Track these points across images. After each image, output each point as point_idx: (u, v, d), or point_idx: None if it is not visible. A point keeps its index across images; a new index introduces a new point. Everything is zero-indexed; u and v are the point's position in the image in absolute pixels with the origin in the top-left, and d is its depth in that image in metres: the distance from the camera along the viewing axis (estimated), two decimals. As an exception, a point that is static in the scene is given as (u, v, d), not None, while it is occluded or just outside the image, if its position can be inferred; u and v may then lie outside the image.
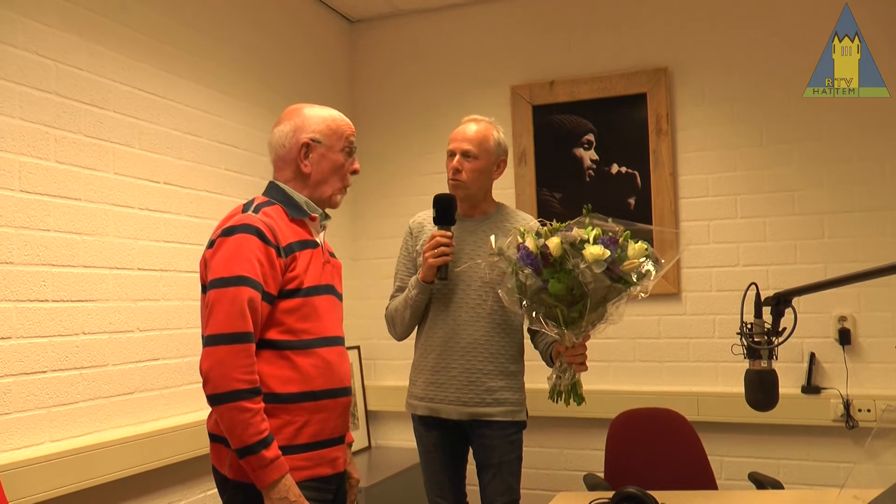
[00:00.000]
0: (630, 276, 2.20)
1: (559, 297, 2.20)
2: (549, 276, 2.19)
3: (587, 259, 2.14)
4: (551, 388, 2.39)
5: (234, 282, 1.86)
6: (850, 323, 3.27)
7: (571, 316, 2.25)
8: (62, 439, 2.35)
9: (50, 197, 2.35)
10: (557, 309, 2.25)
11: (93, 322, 2.47)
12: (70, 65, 2.44)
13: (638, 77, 3.59)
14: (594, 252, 2.14)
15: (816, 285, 1.87)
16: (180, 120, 2.89)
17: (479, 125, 2.68)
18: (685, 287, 3.52)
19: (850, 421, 3.19)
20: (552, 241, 2.19)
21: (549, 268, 2.20)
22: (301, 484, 1.90)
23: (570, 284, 2.17)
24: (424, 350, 2.68)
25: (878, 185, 3.27)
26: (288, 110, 2.13)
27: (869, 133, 3.29)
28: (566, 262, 2.17)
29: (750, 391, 1.90)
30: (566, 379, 2.35)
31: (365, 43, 4.15)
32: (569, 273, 2.16)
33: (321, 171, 2.08)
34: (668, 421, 3.11)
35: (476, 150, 2.64)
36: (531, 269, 2.21)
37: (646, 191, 3.58)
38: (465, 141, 2.65)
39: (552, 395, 2.38)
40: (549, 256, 2.19)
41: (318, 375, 1.97)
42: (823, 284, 1.87)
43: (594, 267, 2.14)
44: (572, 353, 2.33)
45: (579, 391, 2.36)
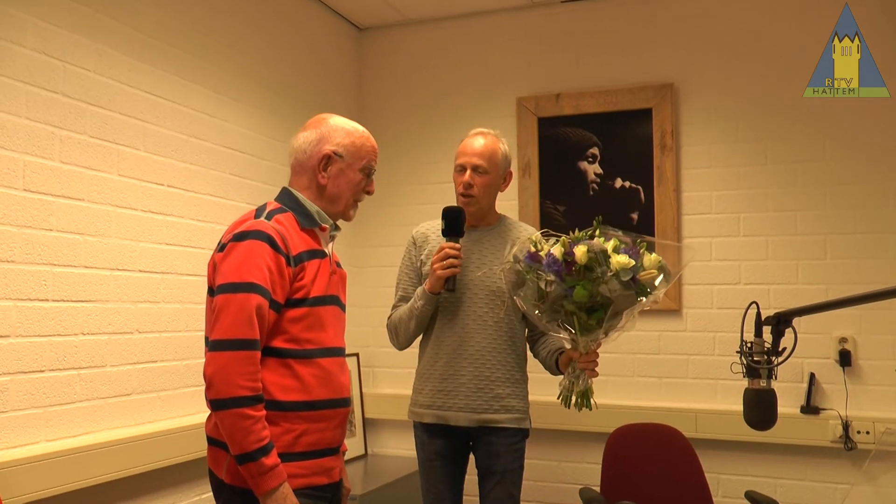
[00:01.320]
0: (645, 286, 2.28)
1: (580, 304, 2.27)
2: (573, 283, 2.25)
3: (614, 267, 2.23)
4: (564, 394, 2.46)
5: (244, 288, 1.86)
6: (851, 345, 3.26)
7: (589, 323, 2.32)
8: (58, 439, 2.34)
9: (53, 197, 2.35)
10: (575, 316, 2.32)
11: (92, 323, 2.48)
12: (77, 66, 2.45)
13: (644, 92, 3.60)
14: (621, 261, 2.23)
15: (817, 306, 1.86)
16: (186, 123, 2.90)
17: (486, 139, 2.69)
18: (686, 303, 3.52)
19: (848, 442, 3.18)
20: (579, 248, 2.26)
21: (572, 275, 2.26)
22: (297, 492, 1.89)
23: (593, 292, 2.24)
24: (432, 359, 2.68)
25: (882, 208, 3.26)
26: (315, 118, 2.13)
27: (873, 155, 3.28)
28: (593, 270, 2.24)
29: (748, 410, 1.89)
30: (580, 384, 2.42)
31: (373, 51, 4.16)
32: (593, 281, 2.24)
33: (337, 185, 2.08)
34: (666, 437, 3.10)
35: (487, 164, 2.65)
36: (555, 275, 2.26)
37: (649, 206, 3.58)
38: (475, 156, 2.65)
39: (565, 401, 2.46)
40: (573, 264, 2.25)
41: (318, 385, 1.97)
42: (824, 306, 1.87)
43: (622, 275, 2.23)
44: (586, 360, 2.41)
45: (591, 396, 2.44)
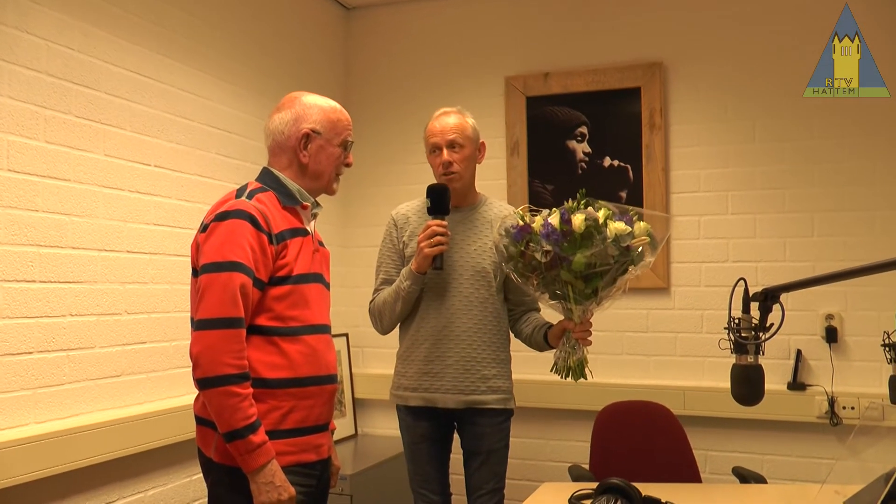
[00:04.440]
0: (637, 253, 2.34)
1: (577, 272, 2.31)
2: (571, 251, 2.29)
3: (611, 234, 2.27)
4: (560, 366, 2.51)
5: (227, 267, 1.87)
6: (837, 321, 3.28)
7: (585, 292, 2.37)
8: (47, 421, 2.34)
9: (39, 177, 2.33)
10: (570, 286, 2.36)
11: (80, 304, 2.46)
12: (62, 45, 2.42)
13: (632, 71, 3.59)
14: (618, 227, 2.29)
15: (804, 282, 1.87)
16: (172, 103, 2.87)
17: (452, 115, 2.68)
18: (674, 282, 3.53)
19: (834, 418, 3.21)
20: (576, 217, 2.29)
21: (570, 244, 2.30)
22: (286, 469, 1.91)
23: (592, 259, 2.29)
24: (414, 341, 2.68)
25: (869, 186, 3.28)
26: (288, 97, 2.14)
27: (861, 133, 3.29)
28: (593, 237, 2.28)
29: (736, 386, 1.91)
30: (578, 354, 2.48)
31: (361, 30, 4.13)
32: (592, 248, 2.28)
33: (318, 162, 2.09)
34: (654, 414, 3.12)
35: (461, 138, 2.64)
36: (554, 245, 2.30)
37: (638, 185, 3.58)
38: (448, 132, 2.64)
39: (561, 372, 2.51)
40: (570, 233, 2.29)
41: (305, 362, 1.99)
42: (811, 281, 1.88)
43: (620, 241, 2.28)
44: (581, 329, 2.46)
45: (586, 365, 2.49)
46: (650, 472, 2.80)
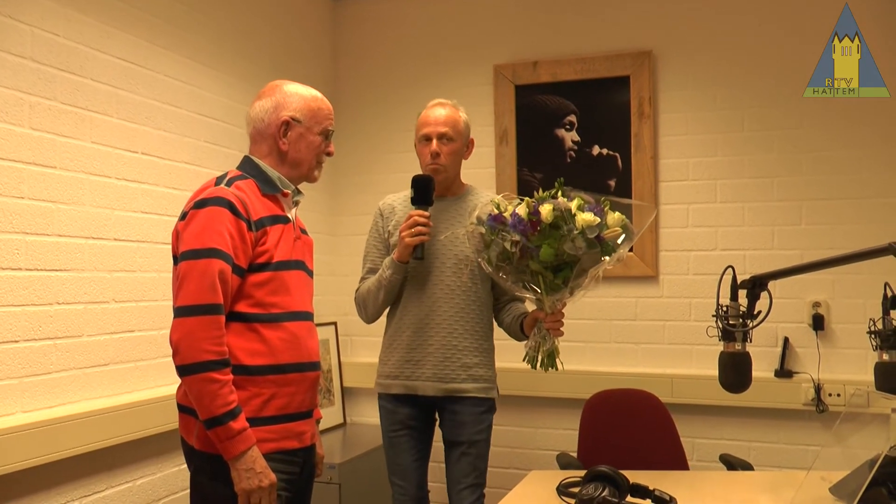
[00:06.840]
0: (609, 245, 2.30)
1: (546, 263, 2.28)
2: (539, 242, 2.26)
3: (579, 225, 2.24)
4: (530, 356, 2.48)
5: (206, 254, 1.87)
6: (824, 309, 3.30)
7: (555, 283, 2.34)
8: (34, 410, 2.32)
9: (24, 164, 2.31)
10: (541, 276, 2.33)
11: (67, 292, 2.45)
12: (47, 30, 2.39)
13: (622, 60, 3.59)
14: (586, 218, 2.25)
15: (792, 269, 1.89)
16: (159, 90, 2.85)
17: (448, 108, 2.69)
18: (663, 270, 3.54)
19: (820, 405, 3.24)
20: (544, 207, 2.26)
21: (538, 235, 2.27)
22: (267, 456, 1.92)
23: (560, 250, 2.25)
24: (398, 329, 2.69)
25: (857, 175, 3.29)
26: (270, 85, 2.14)
27: (849, 123, 3.31)
28: (560, 228, 2.25)
29: (724, 373, 1.92)
30: (546, 345, 2.45)
31: (349, 19, 4.11)
32: (559, 239, 2.24)
33: (298, 149, 2.10)
34: (642, 402, 3.14)
35: (452, 132, 2.65)
36: (521, 235, 2.27)
37: (626, 173, 3.59)
38: (440, 124, 2.65)
39: (531, 362, 2.47)
40: (538, 224, 2.25)
41: (286, 349, 1.99)
42: (798, 269, 1.89)
43: (587, 232, 2.24)
44: (552, 320, 2.44)
45: (557, 356, 2.47)
46: (638, 459, 2.82)
